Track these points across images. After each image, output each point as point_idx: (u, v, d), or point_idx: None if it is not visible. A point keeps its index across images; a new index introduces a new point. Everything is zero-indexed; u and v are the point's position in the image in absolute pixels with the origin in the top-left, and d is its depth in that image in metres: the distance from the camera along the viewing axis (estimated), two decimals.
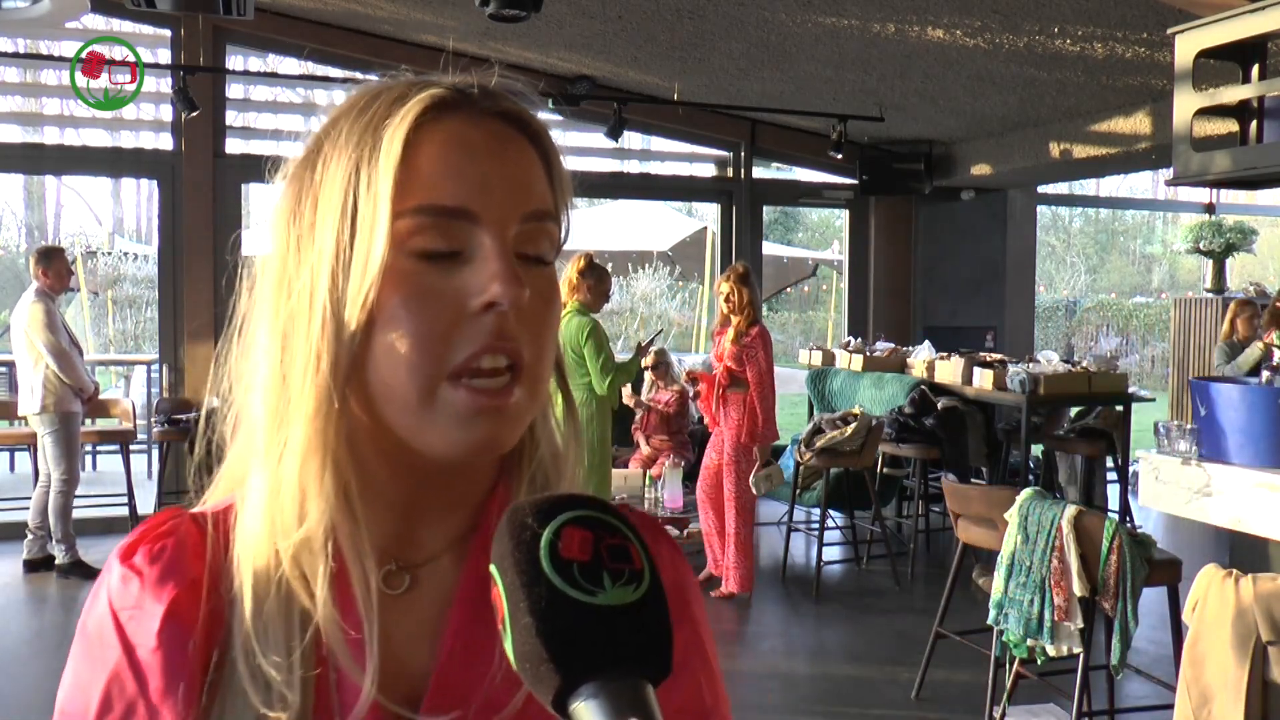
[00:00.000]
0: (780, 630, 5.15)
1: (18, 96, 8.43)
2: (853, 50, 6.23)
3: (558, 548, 0.52)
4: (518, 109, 0.68)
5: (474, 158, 0.64)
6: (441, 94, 0.65)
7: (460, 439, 0.64)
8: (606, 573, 0.52)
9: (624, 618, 0.51)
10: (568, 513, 0.53)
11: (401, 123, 0.63)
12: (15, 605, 5.51)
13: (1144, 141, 6.73)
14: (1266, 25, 2.86)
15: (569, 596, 0.51)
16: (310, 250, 0.65)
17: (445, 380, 0.63)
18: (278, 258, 0.67)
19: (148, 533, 0.68)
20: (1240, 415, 3.03)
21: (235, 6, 5.01)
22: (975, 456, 6.64)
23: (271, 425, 0.66)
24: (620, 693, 0.50)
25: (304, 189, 0.67)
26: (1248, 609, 2.54)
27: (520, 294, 0.63)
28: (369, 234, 0.63)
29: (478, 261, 0.63)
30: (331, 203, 0.64)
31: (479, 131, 0.66)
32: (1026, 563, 3.45)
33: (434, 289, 0.63)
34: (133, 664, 0.65)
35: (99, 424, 7.60)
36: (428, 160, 0.63)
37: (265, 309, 0.67)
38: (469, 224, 0.64)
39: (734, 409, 5.29)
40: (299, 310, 0.65)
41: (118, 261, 14.90)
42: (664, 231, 13.16)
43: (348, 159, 0.64)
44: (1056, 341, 17.27)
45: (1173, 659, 3.32)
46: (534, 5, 4.52)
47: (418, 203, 0.63)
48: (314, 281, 0.64)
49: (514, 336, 0.63)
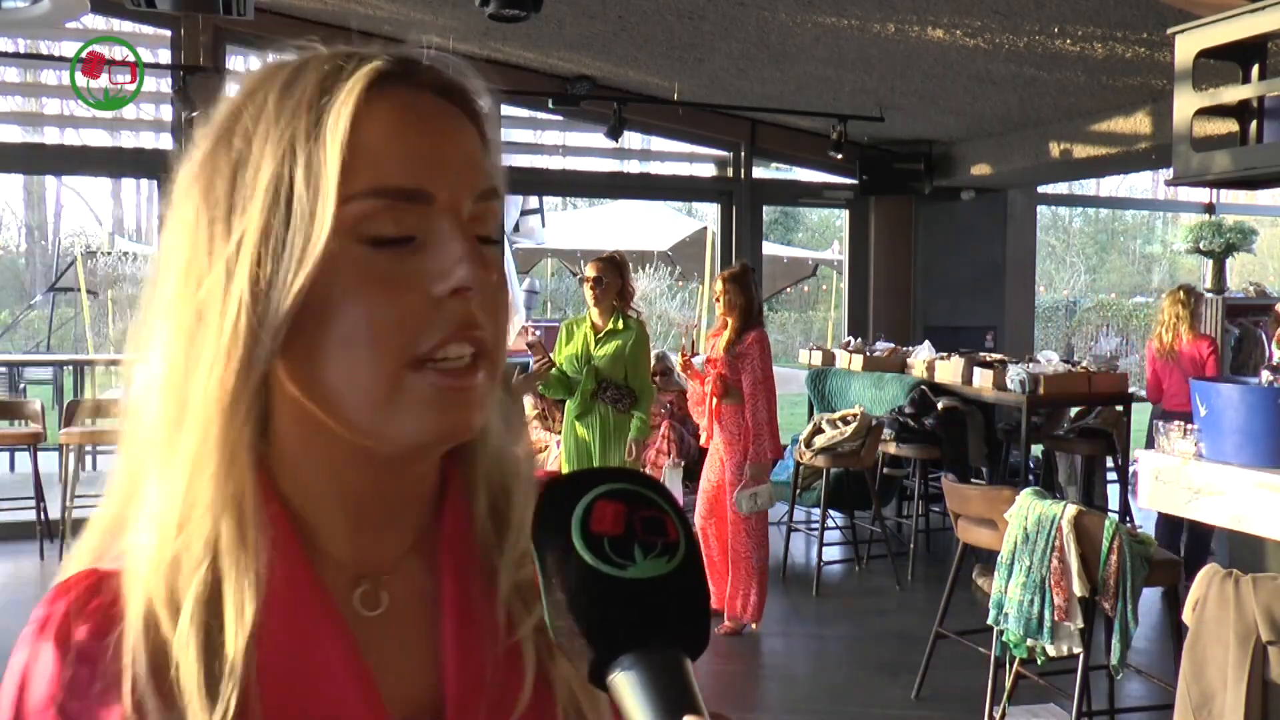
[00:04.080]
0: (780, 630, 5.15)
1: (18, 96, 8.44)
2: (853, 50, 6.23)
3: (589, 523, 0.52)
4: (460, 82, 0.63)
5: (424, 135, 0.60)
6: (384, 66, 0.60)
7: (429, 424, 0.60)
8: (639, 545, 0.51)
9: (657, 590, 0.51)
10: (602, 486, 0.53)
11: (348, 99, 0.58)
12: (15, 605, 5.51)
13: (1144, 141, 6.73)
14: (1266, 25, 2.86)
15: (599, 571, 0.51)
16: (226, 238, 0.58)
17: (408, 368, 0.59)
18: (185, 246, 0.60)
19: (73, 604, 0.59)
20: (1240, 415, 3.03)
21: (235, 6, 5.01)
22: (975, 456, 6.64)
23: (168, 429, 0.59)
24: (656, 665, 0.50)
25: (217, 168, 0.60)
26: (1248, 609, 2.54)
27: (488, 276, 0.60)
28: (308, 219, 0.57)
29: (437, 245, 0.59)
30: (258, 183, 0.58)
31: (426, 105, 0.61)
32: (1026, 563, 3.45)
33: (390, 276, 0.58)
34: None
35: (99, 424, 7.60)
36: (374, 137, 0.58)
37: (168, 303, 0.60)
38: (423, 205, 0.59)
39: (731, 422, 4.83)
40: (209, 303, 0.58)
41: (118, 261, 14.88)
42: (664, 231, 13.17)
43: (278, 136, 0.58)
44: (1056, 341, 17.26)
45: (1173, 659, 3.32)
46: (534, 5, 4.52)
47: (368, 184, 0.58)
48: (229, 271, 0.58)
49: (479, 324, 0.60)
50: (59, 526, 6.35)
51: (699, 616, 0.52)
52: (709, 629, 0.53)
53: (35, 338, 16.66)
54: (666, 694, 0.49)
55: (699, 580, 0.53)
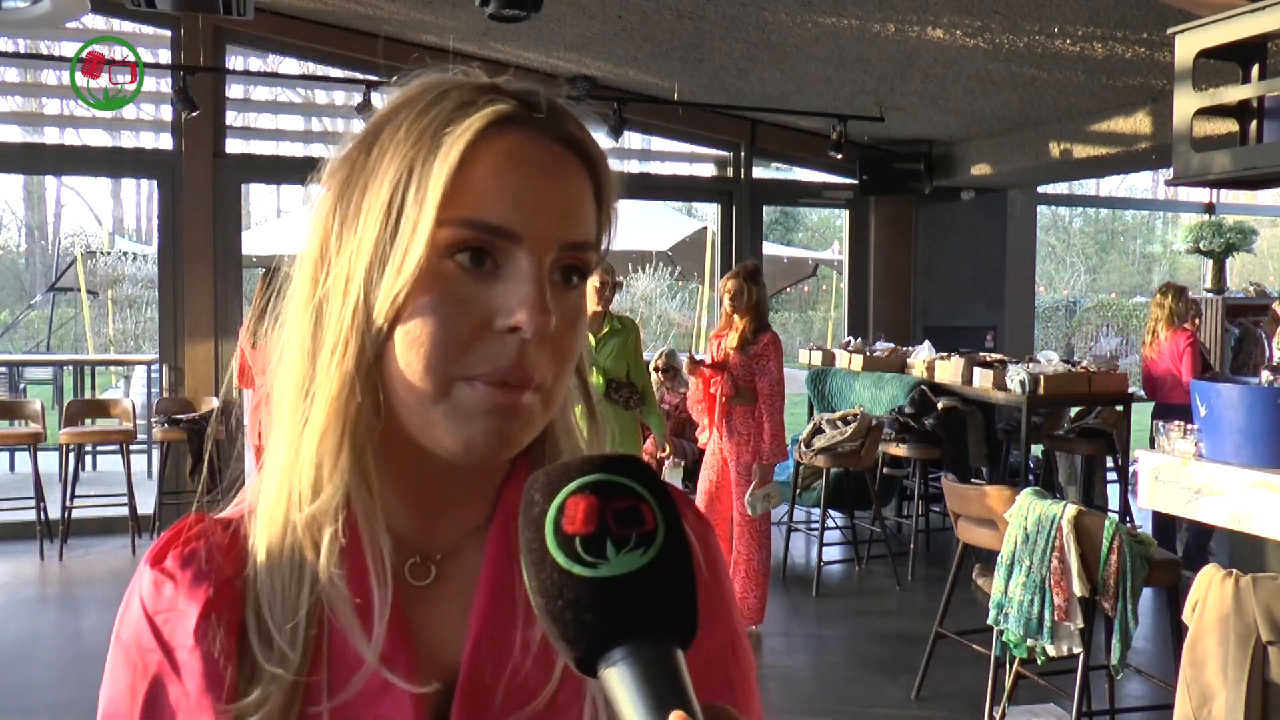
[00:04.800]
0: (780, 630, 5.15)
1: (18, 96, 8.44)
2: (853, 50, 6.23)
3: (561, 523, 0.51)
4: (579, 135, 0.68)
5: (527, 179, 0.64)
6: (507, 110, 0.65)
7: (472, 434, 0.64)
8: (610, 541, 0.50)
9: (633, 585, 0.50)
10: (574, 482, 0.52)
11: (463, 135, 0.63)
12: (15, 605, 5.51)
13: (1144, 141, 6.73)
14: (1266, 25, 2.86)
15: (572, 573, 0.50)
16: (351, 237, 0.66)
17: (460, 379, 0.64)
18: (319, 237, 0.67)
19: (176, 537, 0.69)
20: (1240, 415, 3.03)
21: (235, 6, 5.01)
22: (975, 456, 6.64)
23: (295, 399, 0.67)
24: (643, 658, 0.49)
25: (354, 173, 0.67)
26: (1248, 609, 2.54)
27: (546, 324, 0.63)
28: (409, 235, 0.63)
29: (511, 280, 0.64)
30: (379, 195, 0.65)
31: (537, 152, 0.65)
32: (1026, 563, 3.45)
33: (464, 297, 0.63)
34: (174, 665, 0.66)
35: (99, 424, 7.60)
36: (481, 176, 0.64)
37: (302, 286, 0.68)
38: (510, 243, 0.64)
39: (741, 424, 4.80)
40: (333, 293, 0.66)
41: (117, 261, 14.89)
42: (664, 231, 13.17)
43: (402, 156, 0.64)
44: (1056, 341, 17.26)
45: (1173, 659, 3.32)
46: (534, 5, 4.52)
47: (464, 215, 0.63)
48: (351, 269, 0.65)
49: (533, 364, 0.64)
50: (59, 526, 6.36)
51: (684, 604, 0.51)
52: (695, 615, 0.52)
53: (35, 338, 16.67)
54: (654, 688, 0.48)
55: (681, 566, 0.52)
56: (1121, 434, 6.31)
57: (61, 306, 15.17)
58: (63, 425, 6.45)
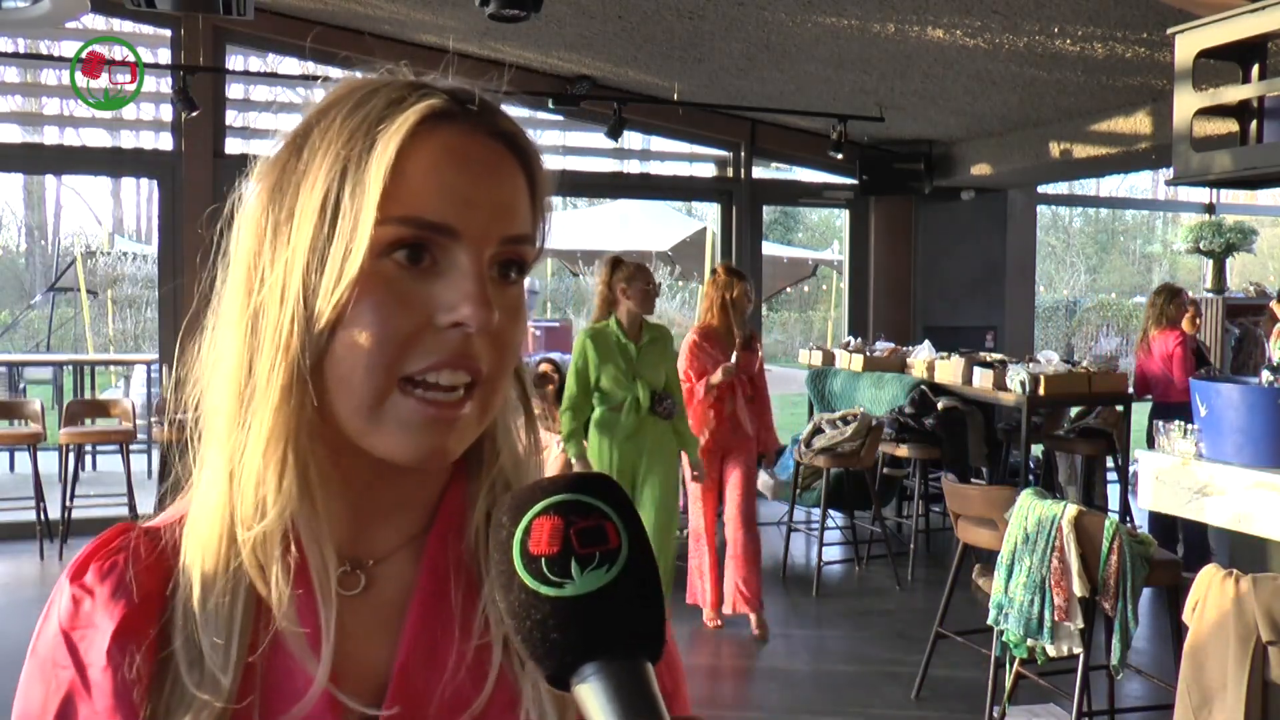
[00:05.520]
0: (780, 630, 5.15)
1: (18, 96, 8.44)
2: (853, 50, 6.23)
3: (527, 545, 0.52)
4: (513, 129, 0.67)
5: (464, 174, 0.64)
6: (440, 105, 0.64)
7: (407, 445, 0.63)
8: (575, 560, 0.51)
9: (599, 602, 0.51)
10: (540, 503, 0.53)
11: (399, 130, 0.62)
12: (15, 605, 5.51)
13: (1144, 141, 6.73)
14: (1266, 25, 2.86)
15: (539, 594, 0.51)
16: (285, 243, 0.64)
17: (397, 387, 0.62)
18: (251, 245, 0.65)
19: (98, 550, 0.67)
20: (1240, 415, 3.03)
21: (235, 6, 5.01)
22: (975, 456, 6.64)
23: (233, 415, 0.65)
24: (613, 672, 0.50)
25: (285, 176, 0.65)
26: (1248, 609, 2.54)
27: (489, 319, 0.62)
28: (349, 235, 0.62)
29: (451, 276, 0.63)
30: (313, 197, 0.63)
31: (473, 147, 0.65)
32: (1026, 563, 3.44)
33: (404, 295, 0.62)
34: (85, 683, 0.64)
35: (99, 424, 7.60)
36: (418, 171, 0.62)
37: (235, 295, 0.66)
38: (449, 239, 0.63)
39: (751, 419, 4.93)
40: (269, 301, 0.64)
41: (117, 261, 14.91)
42: (664, 231, 13.15)
43: (335, 155, 0.63)
44: (1056, 341, 17.27)
45: (1173, 659, 3.32)
46: (534, 5, 4.52)
47: (403, 213, 0.62)
48: (287, 275, 0.63)
49: (476, 355, 0.63)
50: (59, 526, 6.36)
51: (650, 619, 0.52)
52: (663, 628, 0.53)
53: (35, 338, 16.67)
54: (624, 703, 0.50)
55: (646, 582, 0.53)
56: (1121, 434, 6.31)
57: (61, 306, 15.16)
58: (63, 425, 6.45)
